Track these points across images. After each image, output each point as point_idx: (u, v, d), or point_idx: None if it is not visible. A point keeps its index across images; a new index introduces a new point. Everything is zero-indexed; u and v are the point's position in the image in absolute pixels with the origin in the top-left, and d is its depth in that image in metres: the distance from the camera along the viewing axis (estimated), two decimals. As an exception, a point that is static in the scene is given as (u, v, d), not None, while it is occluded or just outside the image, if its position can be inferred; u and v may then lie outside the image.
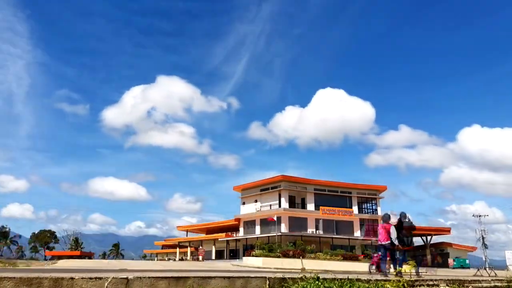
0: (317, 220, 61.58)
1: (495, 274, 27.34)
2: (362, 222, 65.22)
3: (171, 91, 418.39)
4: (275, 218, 57.37)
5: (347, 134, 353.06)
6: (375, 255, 17.13)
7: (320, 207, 62.26)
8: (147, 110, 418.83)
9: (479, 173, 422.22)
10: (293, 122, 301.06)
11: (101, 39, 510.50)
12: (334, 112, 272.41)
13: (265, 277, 7.71)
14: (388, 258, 14.22)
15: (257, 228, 63.87)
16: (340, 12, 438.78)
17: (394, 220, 14.56)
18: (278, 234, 56.50)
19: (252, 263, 43.32)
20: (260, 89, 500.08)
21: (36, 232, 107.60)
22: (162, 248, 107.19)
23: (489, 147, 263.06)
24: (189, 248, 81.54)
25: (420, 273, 14.21)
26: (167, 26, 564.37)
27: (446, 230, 72.80)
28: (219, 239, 69.93)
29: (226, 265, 42.71)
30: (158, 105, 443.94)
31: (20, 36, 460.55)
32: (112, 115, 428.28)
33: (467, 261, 65.80)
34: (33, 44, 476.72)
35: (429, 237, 71.29)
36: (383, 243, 13.89)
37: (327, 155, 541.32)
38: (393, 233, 13.68)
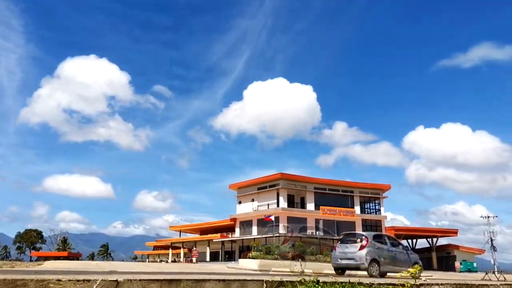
0: (317, 221, 61.70)
1: (504, 278, 27.49)
2: (364, 222, 65.39)
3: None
4: (272, 218, 57.47)
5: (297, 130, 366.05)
6: None
7: (321, 206, 62.38)
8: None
9: (442, 171, 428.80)
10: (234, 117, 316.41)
11: (98, 34, 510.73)
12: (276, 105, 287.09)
13: (262, 280, 7.72)
14: None
15: (254, 229, 63.97)
16: (345, 6, 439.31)
17: None
18: (276, 235, 56.60)
19: (248, 265, 43.38)
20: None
21: (22, 232, 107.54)
22: (153, 249, 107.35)
23: (444, 145, 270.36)
24: (182, 249, 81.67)
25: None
26: (166, 20, 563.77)
27: (453, 232, 73.05)
28: (214, 240, 70.04)
29: (221, 268, 42.77)
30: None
31: (13, 30, 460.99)
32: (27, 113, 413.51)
33: (475, 264, 66.06)
34: (27, 38, 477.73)
35: (434, 239, 71.54)
36: None
37: (279, 150, 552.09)
38: None
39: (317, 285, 7.90)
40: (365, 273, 17.70)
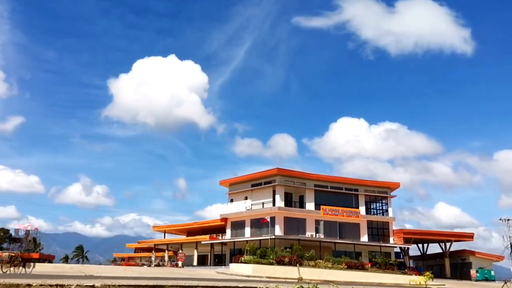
0: (317, 222, 61.87)
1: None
2: (370, 224, 65.68)
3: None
4: (268, 219, 57.51)
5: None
6: None
7: (321, 206, 62.52)
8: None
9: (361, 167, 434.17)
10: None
11: (88, 20, 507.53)
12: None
13: None
14: None
15: (247, 230, 64.08)
16: None
17: None
18: (271, 237, 56.72)
19: (240, 270, 43.59)
20: (263, 76, 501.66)
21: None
22: (135, 252, 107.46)
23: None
24: (167, 252, 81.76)
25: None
26: (162, 6, 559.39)
27: (469, 236, 73.24)
28: (202, 242, 70.08)
29: (210, 273, 42.94)
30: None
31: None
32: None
33: (493, 273, 66.37)
34: (12, 24, 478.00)
35: (448, 244, 71.82)
36: None
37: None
38: None
39: (316, 293, 7.96)
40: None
